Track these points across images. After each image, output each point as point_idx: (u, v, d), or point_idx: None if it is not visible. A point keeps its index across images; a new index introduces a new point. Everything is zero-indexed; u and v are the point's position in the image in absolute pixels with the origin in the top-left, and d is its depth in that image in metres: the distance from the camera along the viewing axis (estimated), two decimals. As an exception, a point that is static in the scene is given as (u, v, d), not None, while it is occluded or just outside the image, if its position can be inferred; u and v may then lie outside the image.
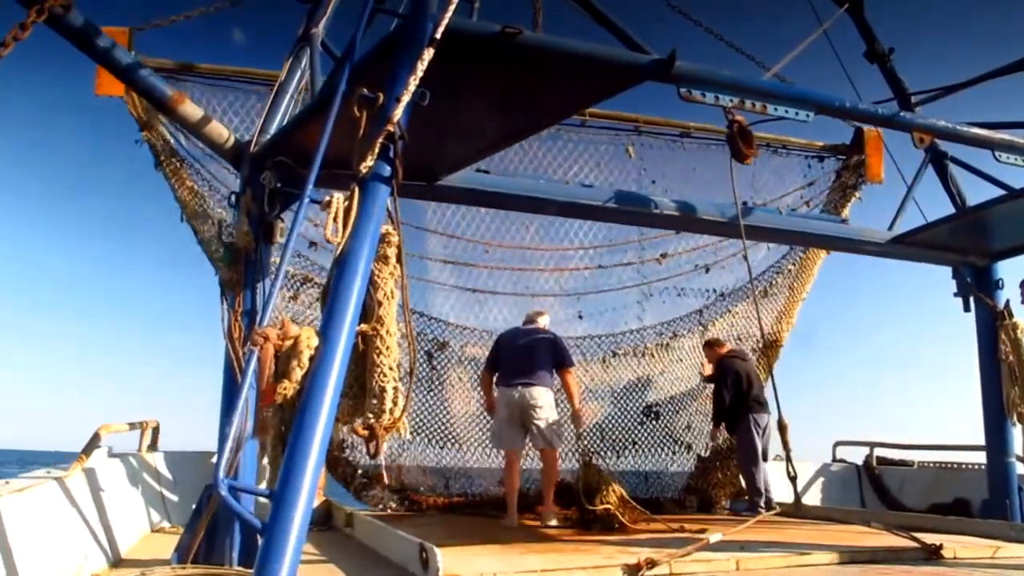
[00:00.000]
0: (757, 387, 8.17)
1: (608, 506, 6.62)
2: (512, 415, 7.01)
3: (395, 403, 3.17)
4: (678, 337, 9.19)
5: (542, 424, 6.94)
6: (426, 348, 8.33)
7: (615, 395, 9.09)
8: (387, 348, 3.19)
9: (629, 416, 9.09)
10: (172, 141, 6.97)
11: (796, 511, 7.63)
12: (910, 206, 7.58)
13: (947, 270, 7.80)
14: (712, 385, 8.52)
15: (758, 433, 8.00)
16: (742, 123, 5.31)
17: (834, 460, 9.93)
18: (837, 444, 10.08)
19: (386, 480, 7.91)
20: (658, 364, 9.12)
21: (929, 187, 7.74)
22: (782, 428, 7.18)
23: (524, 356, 7.16)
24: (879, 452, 9.77)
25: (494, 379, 7.34)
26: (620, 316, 9.06)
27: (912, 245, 7.30)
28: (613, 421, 9.05)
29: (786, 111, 4.69)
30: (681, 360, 9.21)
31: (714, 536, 5.15)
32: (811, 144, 9.33)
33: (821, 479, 9.59)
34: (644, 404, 9.13)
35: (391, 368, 3.20)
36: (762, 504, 7.86)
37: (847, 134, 9.34)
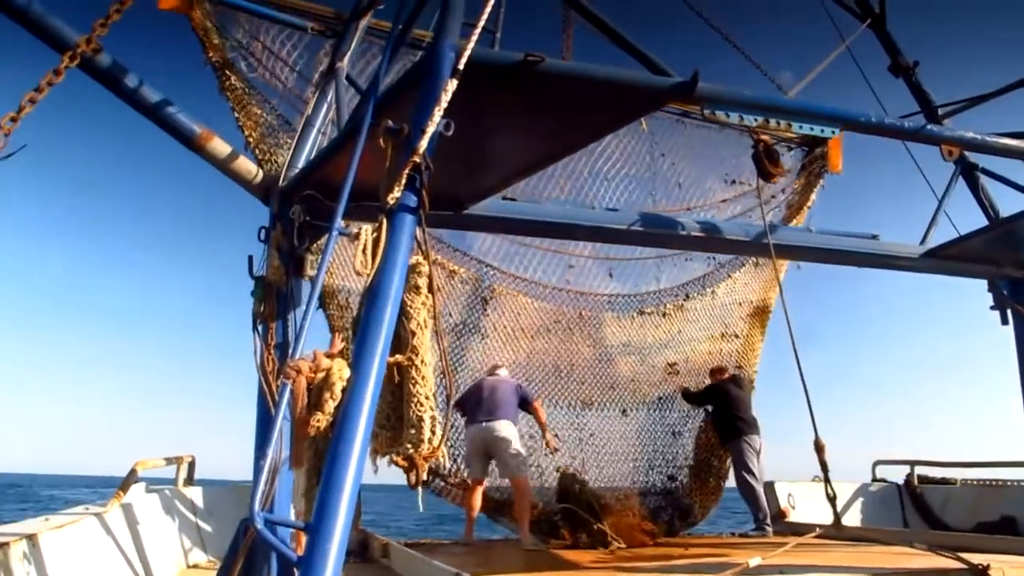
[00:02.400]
0: (745, 410, 8.69)
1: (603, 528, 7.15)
2: (477, 448, 7.61)
3: (433, 432, 3.17)
4: (690, 299, 9.97)
5: (507, 453, 7.48)
6: (482, 295, 8.80)
7: (643, 351, 9.73)
8: (422, 378, 3.20)
9: (656, 372, 9.76)
10: (242, 65, 6.83)
11: (836, 532, 7.50)
12: (942, 219, 7.51)
13: (983, 283, 7.69)
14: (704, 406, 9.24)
15: (753, 453, 8.35)
16: (767, 142, 5.30)
17: (874, 479, 9.77)
18: (876, 463, 9.92)
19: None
20: (676, 324, 9.89)
21: (960, 200, 7.66)
22: (819, 448, 7.08)
23: (488, 397, 7.75)
24: (920, 470, 9.60)
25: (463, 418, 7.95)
26: (642, 277, 9.87)
27: (946, 259, 7.20)
28: (643, 376, 9.69)
29: (811, 128, 4.67)
30: (696, 321, 9.97)
31: (753, 560, 5.07)
32: (785, 132, 9.67)
33: (861, 499, 9.43)
34: (666, 361, 9.79)
35: (427, 397, 3.20)
36: (767, 523, 8.00)
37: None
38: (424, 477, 3.21)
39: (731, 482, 8.92)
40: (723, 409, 8.77)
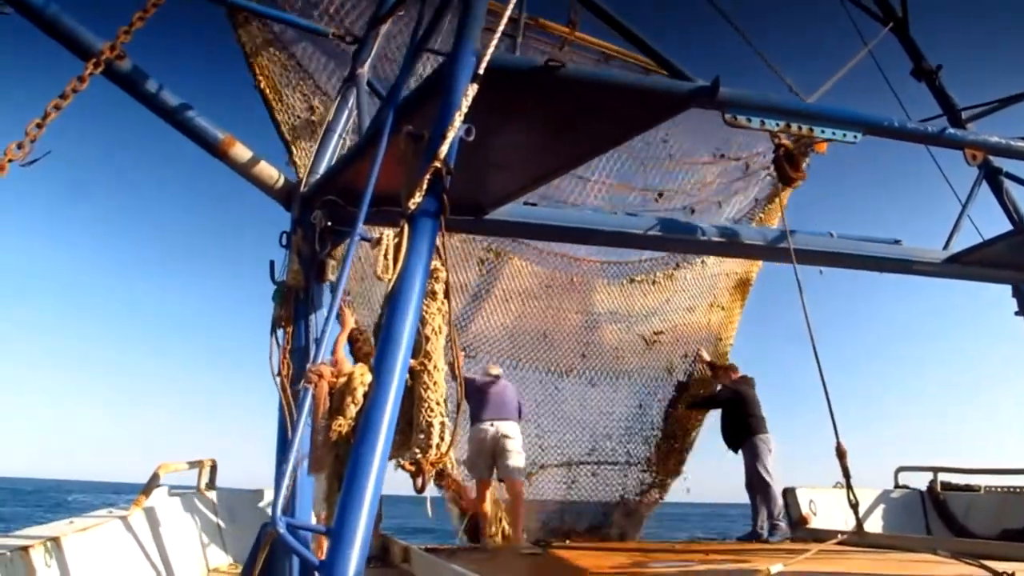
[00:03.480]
0: (758, 408, 8.61)
1: None
2: (485, 449, 7.58)
3: (442, 438, 3.16)
4: (680, 268, 9.93)
5: (512, 455, 7.51)
6: (479, 256, 8.77)
7: (629, 319, 9.70)
8: (434, 383, 3.19)
9: (639, 341, 9.74)
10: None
11: (859, 539, 7.43)
12: (965, 224, 7.44)
13: (1007, 288, 7.62)
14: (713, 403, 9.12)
15: (769, 452, 8.31)
16: (789, 147, 5.27)
17: (896, 486, 9.68)
18: (899, 470, 9.82)
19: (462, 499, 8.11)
20: (665, 293, 9.86)
21: (983, 204, 7.59)
22: (841, 454, 7.03)
23: (496, 397, 7.77)
24: (943, 477, 9.50)
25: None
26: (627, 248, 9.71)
27: (969, 264, 7.13)
28: (626, 345, 9.67)
29: (833, 133, 4.65)
30: (685, 290, 9.97)
31: (775, 567, 5.03)
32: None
33: (883, 506, 9.34)
34: (652, 330, 9.78)
35: (438, 403, 3.19)
36: (783, 524, 7.97)
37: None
38: (430, 482, 3.20)
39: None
40: (738, 409, 8.64)
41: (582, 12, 7.35)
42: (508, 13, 3.64)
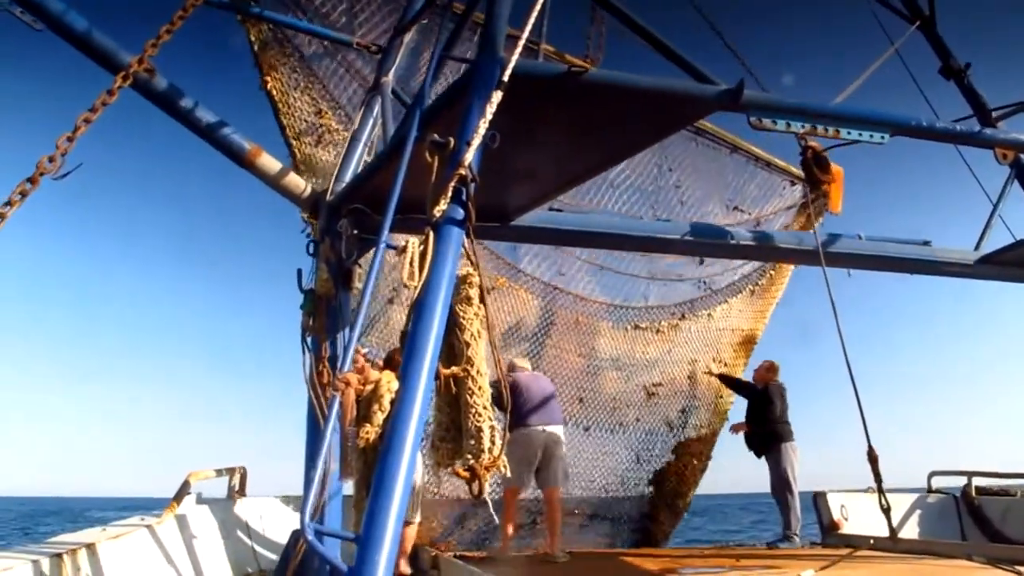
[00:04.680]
0: (786, 415, 8.57)
1: None
2: (530, 454, 7.08)
3: (492, 442, 3.16)
4: (685, 319, 9.89)
5: (560, 462, 7.17)
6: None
7: (630, 368, 9.62)
8: (479, 388, 3.20)
9: (638, 392, 9.66)
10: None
11: (892, 545, 7.34)
12: (996, 224, 7.34)
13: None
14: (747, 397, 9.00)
15: (793, 461, 8.27)
16: (816, 149, 5.22)
17: (930, 491, 9.55)
18: (932, 474, 9.69)
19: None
20: (667, 343, 9.78)
21: (1015, 204, 7.49)
22: (872, 459, 6.95)
23: (540, 398, 7.31)
24: (978, 481, 9.36)
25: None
26: (631, 291, 9.67)
27: (1001, 264, 7.03)
28: (623, 396, 9.56)
29: (860, 134, 4.59)
30: (688, 343, 9.91)
31: (806, 573, 4.99)
32: (789, 168, 10.08)
33: (917, 511, 9.21)
34: (651, 382, 9.71)
35: (485, 407, 3.20)
36: (798, 533, 7.90)
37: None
38: (487, 487, 3.20)
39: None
40: (768, 412, 8.51)
41: (608, 20, 7.37)
42: (532, 20, 3.64)
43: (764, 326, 10.41)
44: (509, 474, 3.44)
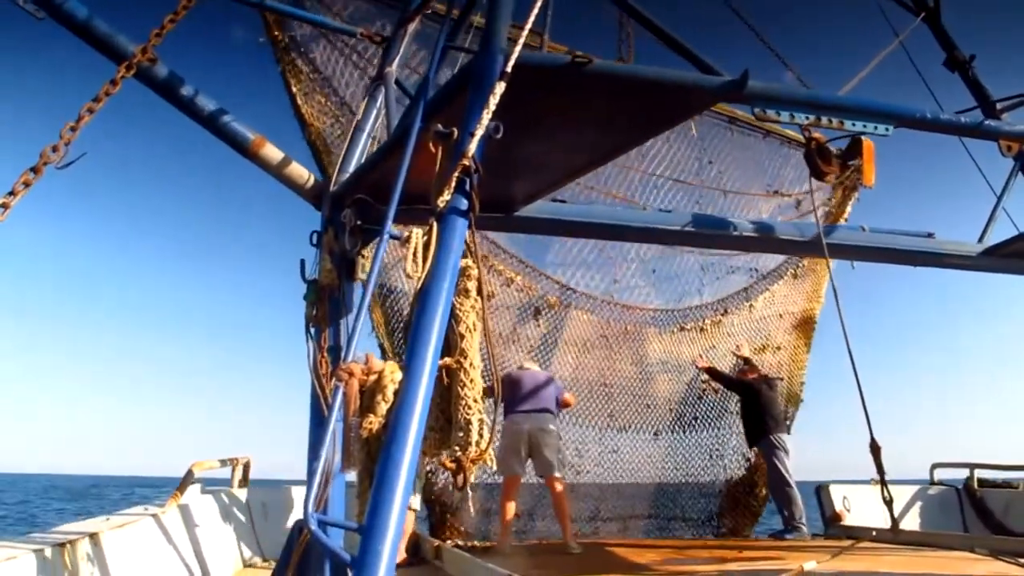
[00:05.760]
0: (775, 408, 8.70)
1: None
2: (519, 441, 7.30)
3: (481, 435, 3.16)
4: (728, 314, 9.98)
5: (550, 449, 7.26)
6: (535, 305, 8.77)
7: (681, 368, 9.73)
8: (471, 380, 3.19)
9: (693, 391, 9.78)
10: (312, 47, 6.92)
11: (894, 537, 7.35)
12: (1000, 216, 7.31)
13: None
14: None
15: (783, 452, 8.37)
16: (820, 140, 5.20)
17: (932, 483, 9.56)
18: (935, 466, 9.70)
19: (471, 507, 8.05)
20: (710, 339, 9.88)
21: (1020, 196, 7.46)
22: (875, 450, 6.96)
23: (530, 388, 7.54)
24: (980, 473, 9.37)
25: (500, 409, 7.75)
26: (686, 289, 9.87)
27: (1005, 257, 7.01)
28: (681, 396, 9.72)
29: (864, 126, 4.59)
30: (732, 335, 9.95)
31: (808, 564, 5.00)
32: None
33: (919, 503, 9.23)
34: (703, 379, 9.75)
35: (476, 400, 3.20)
36: (803, 522, 7.95)
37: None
38: (472, 480, 3.21)
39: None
40: (753, 407, 8.73)
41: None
42: (536, 11, 3.63)
43: (821, 305, 10.35)
44: (495, 467, 3.45)
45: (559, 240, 8.82)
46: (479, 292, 3.30)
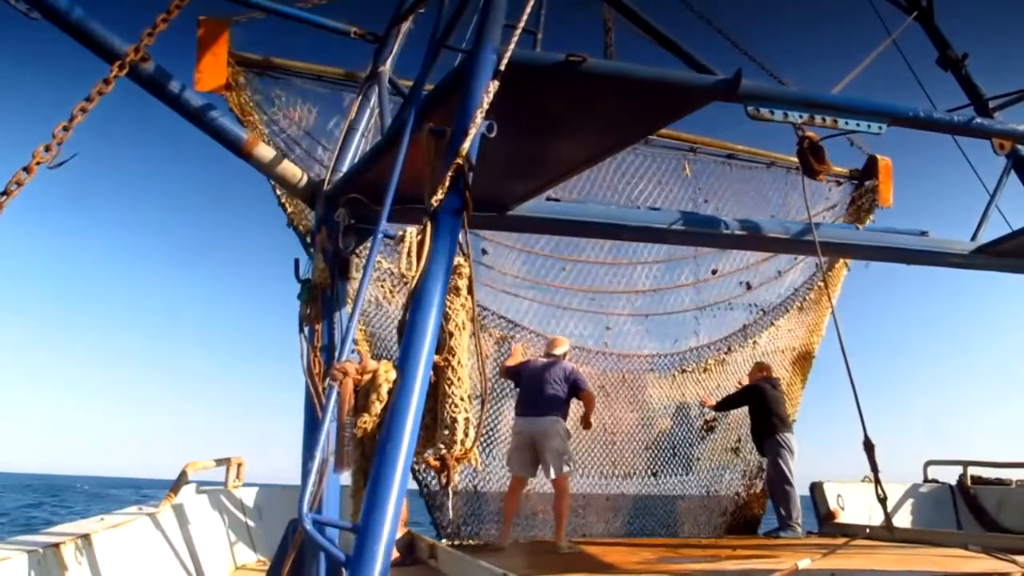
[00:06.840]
0: (780, 407, 8.74)
1: None
2: (524, 443, 7.39)
3: (466, 434, 3.15)
4: (732, 352, 9.82)
5: (552, 452, 7.25)
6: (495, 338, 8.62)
7: (682, 411, 9.59)
8: (458, 379, 3.19)
9: (694, 432, 9.63)
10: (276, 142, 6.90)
11: (888, 534, 7.37)
12: (994, 215, 7.33)
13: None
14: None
15: (788, 451, 8.41)
16: (813, 139, 5.19)
17: (926, 480, 9.59)
18: (928, 463, 9.74)
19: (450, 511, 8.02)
20: (715, 379, 9.71)
21: (1012, 194, 7.48)
22: (868, 448, 6.96)
23: (537, 388, 7.53)
24: (974, 471, 9.40)
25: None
26: (681, 331, 9.67)
27: (998, 255, 7.03)
28: (681, 438, 9.54)
29: (857, 124, 4.59)
30: (735, 373, 9.78)
31: (803, 562, 5.01)
32: (831, 167, 9.80)
33: (912, 500, 9.26)
34: (704, 420, 9.65)
35: (462, 399, 3.19)
36: (798, 522, 7.99)
37: (861, 160, 9.99)
38: (456, 479, 3.20)
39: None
40: (759, 408, 8.77)
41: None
42: (529, 9, 3.63)
43: (820, 339, 10.20)
44: (478, 467, 3.45)
45: (551, 289, 8.80)
46: (469, 291, 3.29)
